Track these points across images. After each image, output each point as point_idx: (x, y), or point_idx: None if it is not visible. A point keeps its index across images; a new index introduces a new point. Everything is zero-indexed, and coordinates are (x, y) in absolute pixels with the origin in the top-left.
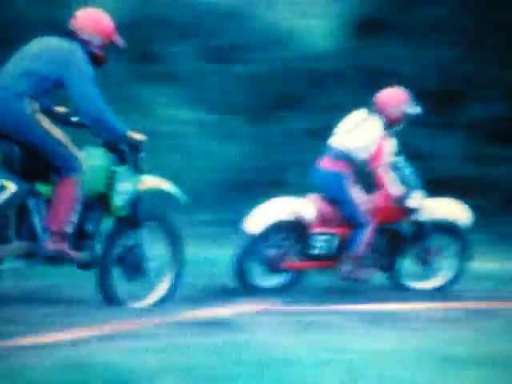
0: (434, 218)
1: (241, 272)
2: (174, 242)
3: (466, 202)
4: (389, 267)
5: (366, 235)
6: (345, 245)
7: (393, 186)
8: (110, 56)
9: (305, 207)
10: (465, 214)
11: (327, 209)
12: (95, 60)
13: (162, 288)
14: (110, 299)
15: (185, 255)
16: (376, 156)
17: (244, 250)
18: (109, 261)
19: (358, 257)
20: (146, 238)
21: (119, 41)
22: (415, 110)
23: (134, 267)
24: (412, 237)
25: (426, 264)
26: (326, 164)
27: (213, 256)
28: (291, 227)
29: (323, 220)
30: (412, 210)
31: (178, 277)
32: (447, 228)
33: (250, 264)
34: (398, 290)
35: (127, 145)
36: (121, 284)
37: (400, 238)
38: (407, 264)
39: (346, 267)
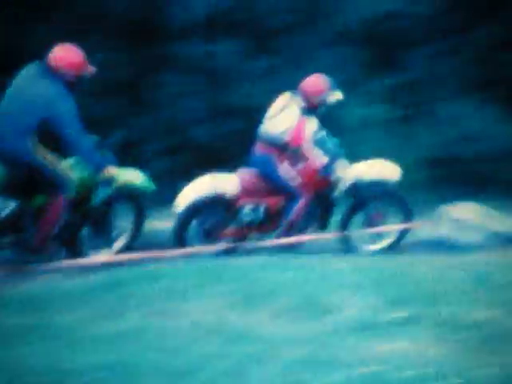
0: (364, 180)
1: (180, 244)
2: (139, 215)
3: None
4: (322, 229)
5: (301, 204)
6: (277, 213)
7: (317, 158)
8: None
9: (228, 182)
10: (394, 172)
11: (255, 182)
12: (70, 87)
13: (119, 243)
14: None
15: (143, 224)
16: (296, 137)
17: (177, 224)
18: (78, 234)
19: (293, 223)
20: (116, 210)
21: (91, 70)
22: (336, 96)
23: (102, 229)
24: (353, 203)
25: (372, 227)
26: (257, 148)
27: None
28: (217, 201)
29: (250, 192)
30: (338, 178)
31: (133, 237)
32: (383, 190)
33: (187, 236)
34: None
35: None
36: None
37: (330, 203)
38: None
39: (282, 232)
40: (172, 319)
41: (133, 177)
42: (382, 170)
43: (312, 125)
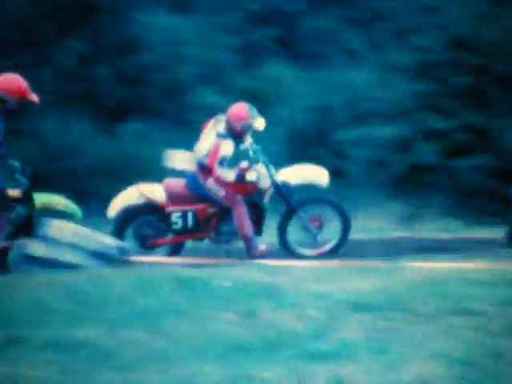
0: (290, 184)
1: None
2: None
3: None
4: (258, 235)
5: (237, 213)
6: (207, 219)
7: (224, 175)
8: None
9: (156, 191)
10: (322, 175)
11: (180, 189)
12: (11, 112)
13: None
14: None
15: None
16: (211, 156)
17: (114, 231)
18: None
19: (243, 231)
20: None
21: (33, 98)
22: (259, 123)
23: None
24: (286, 208)
25: (310, 231)
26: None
27: None
28: (146, 208)
29: (176, 199)
30: (260, 184)
31: None
32: (312, 194)
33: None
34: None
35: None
36: None
37: (261, 209)
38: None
39: (247, 248)
40: None
41: (52, 201)
42: (309, 173)
43: (226, 147)
